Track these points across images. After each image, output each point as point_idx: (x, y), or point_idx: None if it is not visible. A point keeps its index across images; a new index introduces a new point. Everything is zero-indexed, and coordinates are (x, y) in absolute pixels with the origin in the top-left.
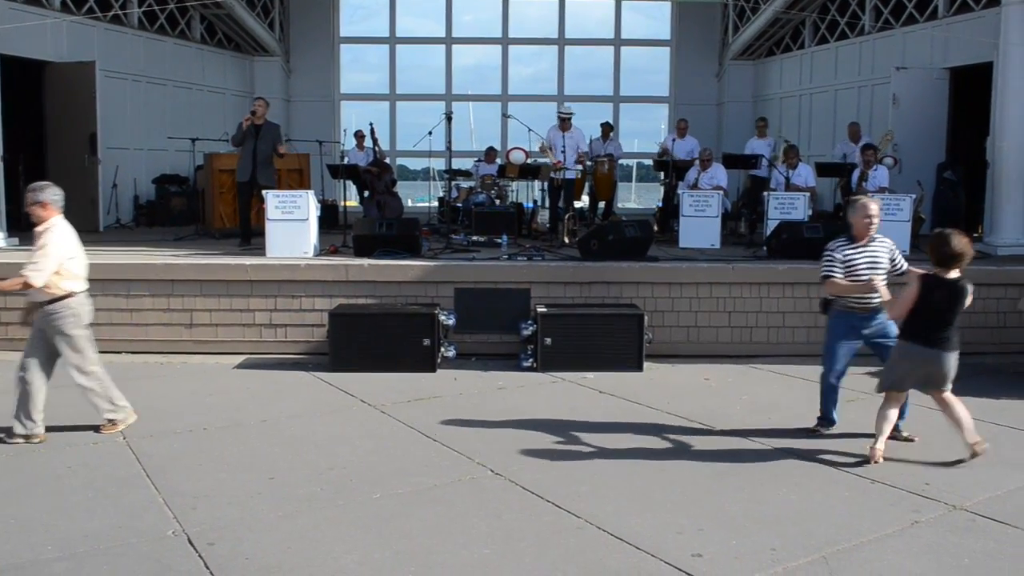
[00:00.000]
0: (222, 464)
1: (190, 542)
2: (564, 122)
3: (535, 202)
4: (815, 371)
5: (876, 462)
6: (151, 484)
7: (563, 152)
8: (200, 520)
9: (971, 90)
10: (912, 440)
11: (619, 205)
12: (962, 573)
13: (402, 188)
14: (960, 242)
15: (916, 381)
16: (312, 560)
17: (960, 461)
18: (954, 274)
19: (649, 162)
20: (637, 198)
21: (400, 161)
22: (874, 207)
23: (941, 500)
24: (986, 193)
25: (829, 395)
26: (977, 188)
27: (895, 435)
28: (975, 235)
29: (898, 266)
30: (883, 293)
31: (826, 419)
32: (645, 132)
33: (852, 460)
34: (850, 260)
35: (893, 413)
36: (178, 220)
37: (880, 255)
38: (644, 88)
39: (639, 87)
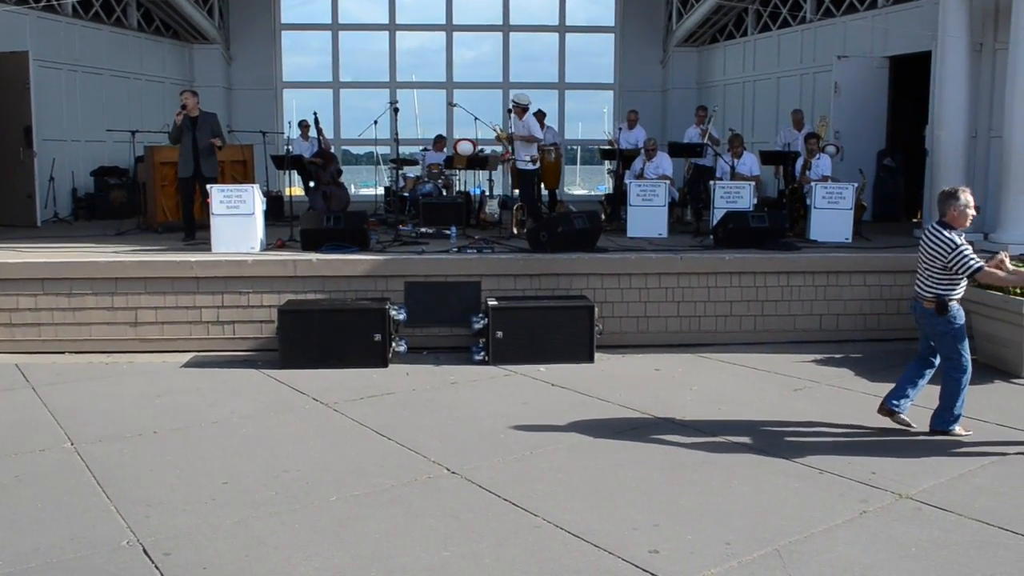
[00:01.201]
0: (174, 469)
1: (145, 552)
2: (517, 111)
3: (482, 190)
4: (761, 359)
5: None
6: (102, 492)
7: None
8: (155, 529)
9: (910, 78)
10: (911, 426)
11: (565, 190)
12: (909, 562)
13: (346, 173)
14: None
15: None
16: (271, 568)
17: None
18: None
19: (594, 147)
20: (582, 181)
21: (344, 146)
22: (972, 198)
23: (887, 489)
24: (925, 181)
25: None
26: (916, 174)
27: (896, 417)
28: (914, 220)
29: None
30: None
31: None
32: (589, 115)
33: (800, 451)
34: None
35: None
36: (118, 213)
37: None
38: (589, 74)
39: (584, 73)
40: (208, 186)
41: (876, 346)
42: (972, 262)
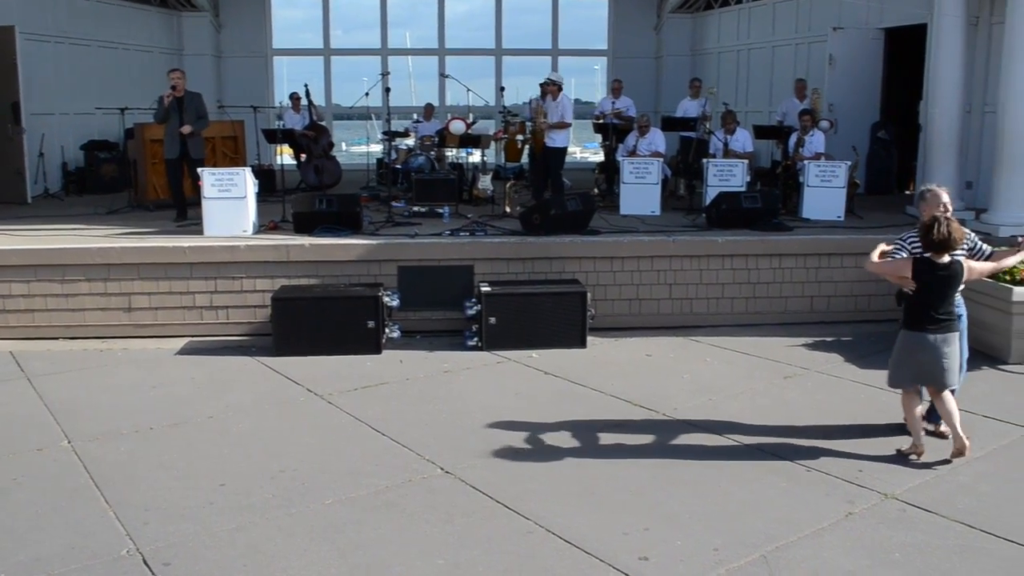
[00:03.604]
0: (172, 470)
1: (145, 563)
2: (551, 89)
3: (474, 167)
4: (753, 343)
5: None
6: (101, 496)
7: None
8: (154, 537)
9: (906, 49)
10: (947, 436)
11: None
12: (892, 569)
13: (338, 130)
14: (952, 228)
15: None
16: None
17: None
18: (945, 259)
19: (585, 110)
20: (574, 138)
21: (335, 100)
22: (946, 196)
23: (873, 488)
24: (918, 156)
25: None
26: (910, 146)
27: (936, 432)
28: (907, 192)
29: (982, 251)
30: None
31: None
32: (581, 70)
33: (789, 447)
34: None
35: (919, 408)
36: (109, 187)
37: None
38: (582, 41)
39: (577, 40)
40: (199, 170)
41: (866, 328)
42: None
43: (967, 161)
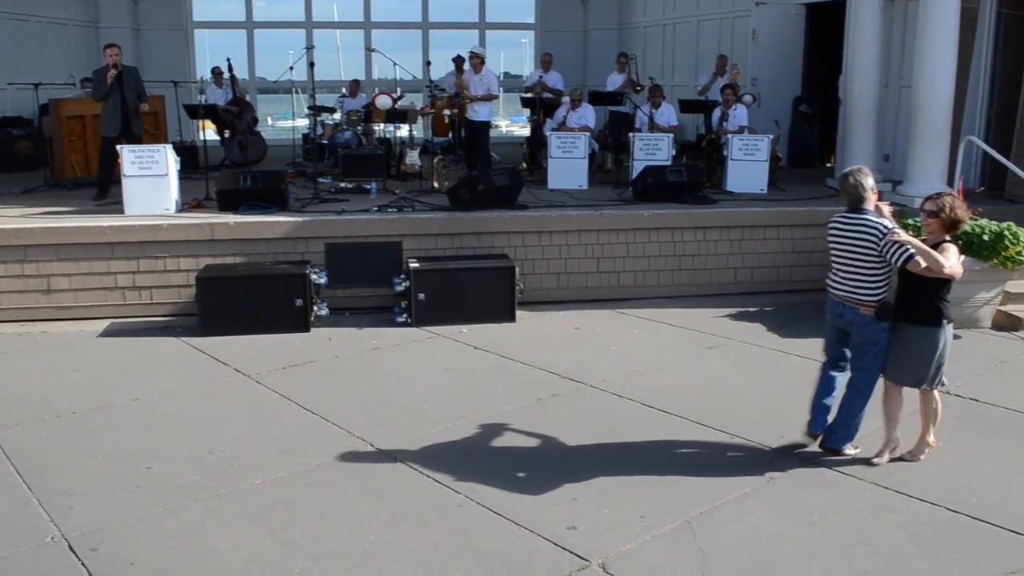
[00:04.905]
0: (96, 454)
1: (71, 548)
2: (475, 62)
3: (402, 142)
4: (678, 314)
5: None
6: (23, 483)
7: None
8: (79, 522)
9: (827, 24)
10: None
11: None
12: (811, 530)
13: (263, 104)
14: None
15: None
16: (199, 560)
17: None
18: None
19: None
20: (504, 112)
21: (259, 74)
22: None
23: (794, 454)
24: (838, 130)
25: None
26: (831, 120)
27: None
28: (827, 165)
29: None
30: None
31: None
32: (509, 44)
33: (712, 415)
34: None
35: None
36: (24, 165)
37: None
38: (510, 14)
39: (505, 13)
40: (118, 147)
41: (788, 297)
42: (908, 250)
43: (884, 134)
